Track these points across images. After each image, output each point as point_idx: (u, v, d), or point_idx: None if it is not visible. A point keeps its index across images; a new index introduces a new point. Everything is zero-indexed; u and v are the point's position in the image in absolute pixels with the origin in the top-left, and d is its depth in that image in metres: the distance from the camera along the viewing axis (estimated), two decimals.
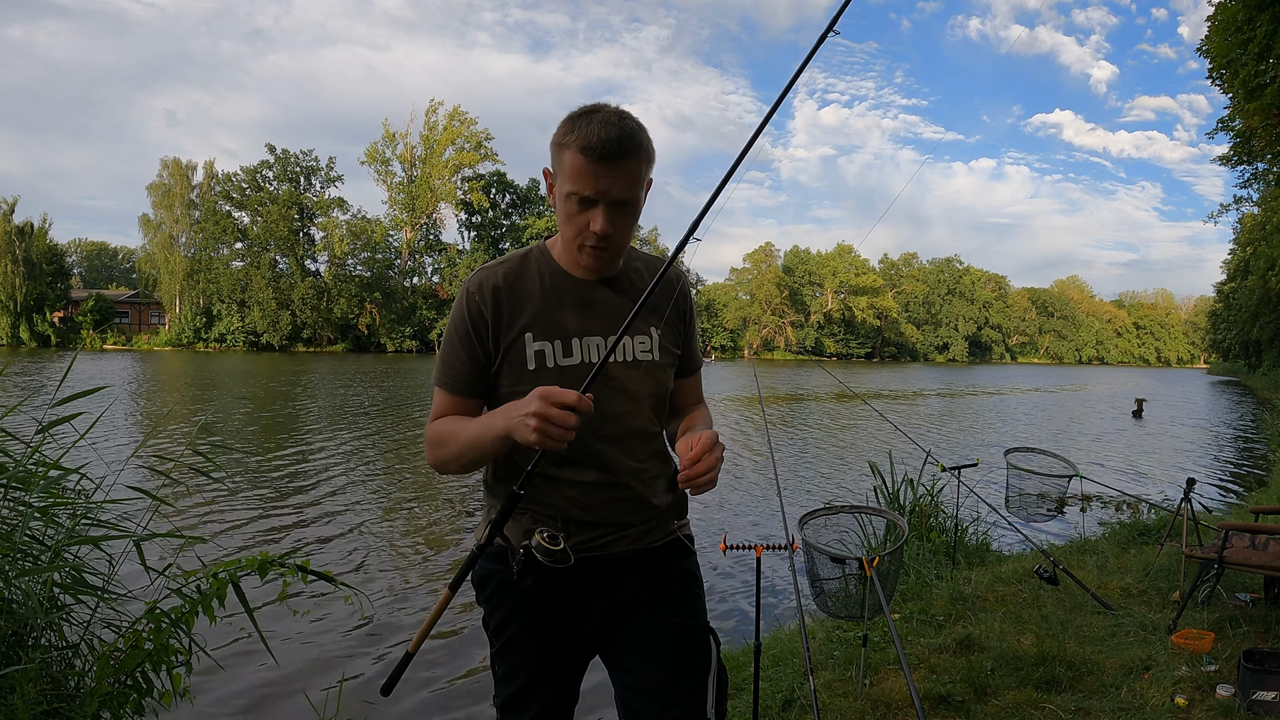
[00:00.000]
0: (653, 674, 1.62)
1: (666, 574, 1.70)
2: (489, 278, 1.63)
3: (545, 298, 1.63)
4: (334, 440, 13.91)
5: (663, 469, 1.73)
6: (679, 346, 1.76)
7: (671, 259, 1.68)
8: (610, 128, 1.50)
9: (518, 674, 1.69)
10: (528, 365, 1.60)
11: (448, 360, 1.65)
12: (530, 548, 1.48)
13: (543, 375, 1.59)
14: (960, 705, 3.31)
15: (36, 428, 2.79)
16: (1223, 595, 4.49)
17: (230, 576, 2.65)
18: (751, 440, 15.02)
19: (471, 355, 1.62)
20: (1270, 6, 9.72)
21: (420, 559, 6.89)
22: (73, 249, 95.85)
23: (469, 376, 1.64)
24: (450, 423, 1.62)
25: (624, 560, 1.66)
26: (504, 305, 1.61)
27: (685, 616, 1.68)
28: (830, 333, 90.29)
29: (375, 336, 67.82)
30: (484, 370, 1.63)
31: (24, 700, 2.15)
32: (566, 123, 1.55)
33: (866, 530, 3.90)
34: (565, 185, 1.54)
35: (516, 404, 1.46)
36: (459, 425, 1.60)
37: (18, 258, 56.44)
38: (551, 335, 1.61)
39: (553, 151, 1.58)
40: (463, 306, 1.63)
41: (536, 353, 1.60)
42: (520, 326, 1.61)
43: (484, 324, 1.61)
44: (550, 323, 1.62)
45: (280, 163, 66.59)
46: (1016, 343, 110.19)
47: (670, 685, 1.60)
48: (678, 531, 1.75)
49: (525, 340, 1.61)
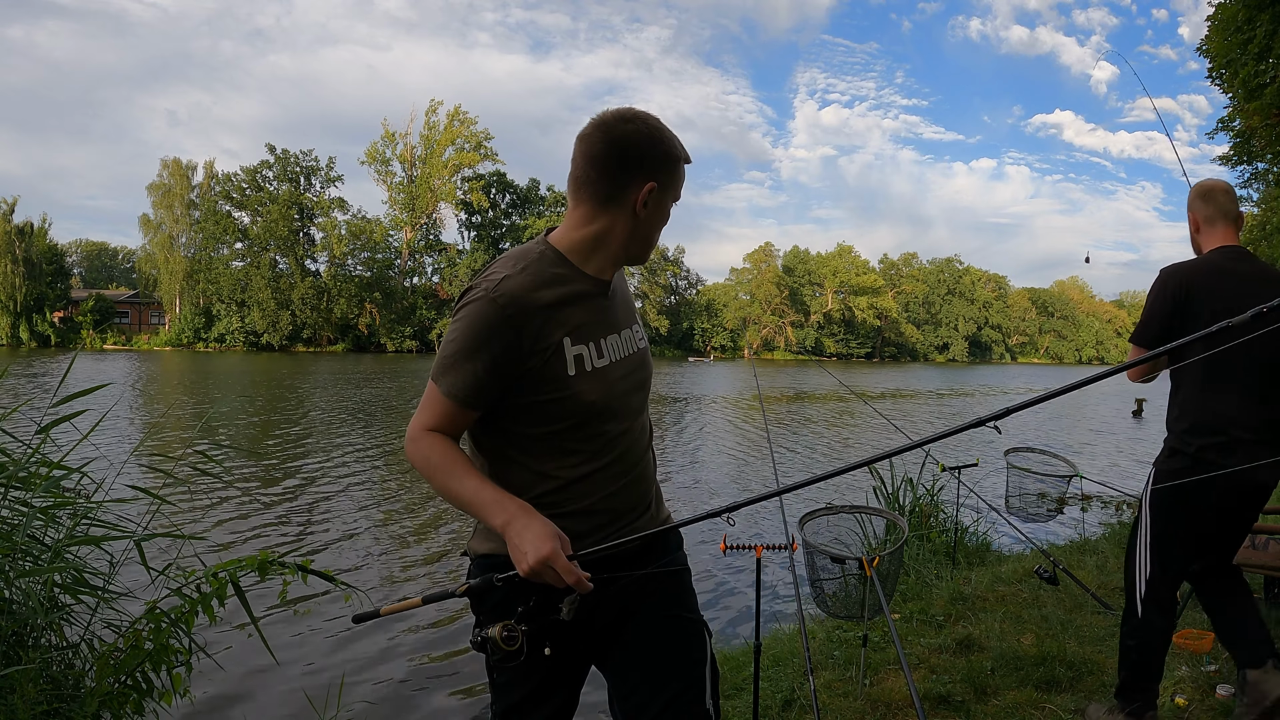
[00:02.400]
0: (653, 668, 1.64)
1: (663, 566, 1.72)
2: (516, 293, 1.53)
3: (576, 303, 1.61)
4: (334, 440, 13.91)
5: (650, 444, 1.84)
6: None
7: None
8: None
9: (516, 686, 1.68)
10: (568, 370, 1.56)
11: (461, 370, 1.53)
12: (486, 639, 1.50)
13: (583, 379, 1.58)
14: (960, 705, 3.31)
15: (37, 428, 2.79)
16: None
17: (230, 576, 2.65)
18: (751, 440, 15.02)
19: (491, 371, 1.52)
20: (1270, 6, 9.72)
21: (421, 558, 6.89)
22: (73, 249, 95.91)
23: (490, 393, 1.55)
24: (450, 457, 1.56)
25: (629, 558, 1.65)
26: (538, 319, 1.54)
27: (682, 610, 1.71)
28: (830, 333, 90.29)
29: (375, 336, 67.84)
30: (503, 385, 1.55)
31: (24, 700, 2.15)
32: (667, 139, 1.62)
33: (866, 530, 3.90)
34: (677, 192, 1.68)
35: (529, 524, 1.46)
36: (457, 467, 1.55)
37: (18, 258, 56.48)
38: (585, 339, 1.60)
39: (663, 163, 1.62)
40: (490, 320, 1.51)
41: (576, 357, 1.58)
42: (560, 335, 1.57)
43: (517, 343, 1.52)
44: (584, 327, 1.61)
45: (280, 163, 66.65)
46: (1016, 343, 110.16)
47: (670, 679, 1.63)
48: (669, 517, 1.81)
49: (564, 345, 1.57)
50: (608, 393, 1.61)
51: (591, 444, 1.62)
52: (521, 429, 1.60)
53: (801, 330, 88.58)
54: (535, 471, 1.61)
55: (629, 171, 1.58)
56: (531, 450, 1.60)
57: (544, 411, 1.58)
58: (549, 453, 1.60)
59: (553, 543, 1.44)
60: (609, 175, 1.58)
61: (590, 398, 1.58)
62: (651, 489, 1.76)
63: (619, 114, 1.60)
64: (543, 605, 1.52)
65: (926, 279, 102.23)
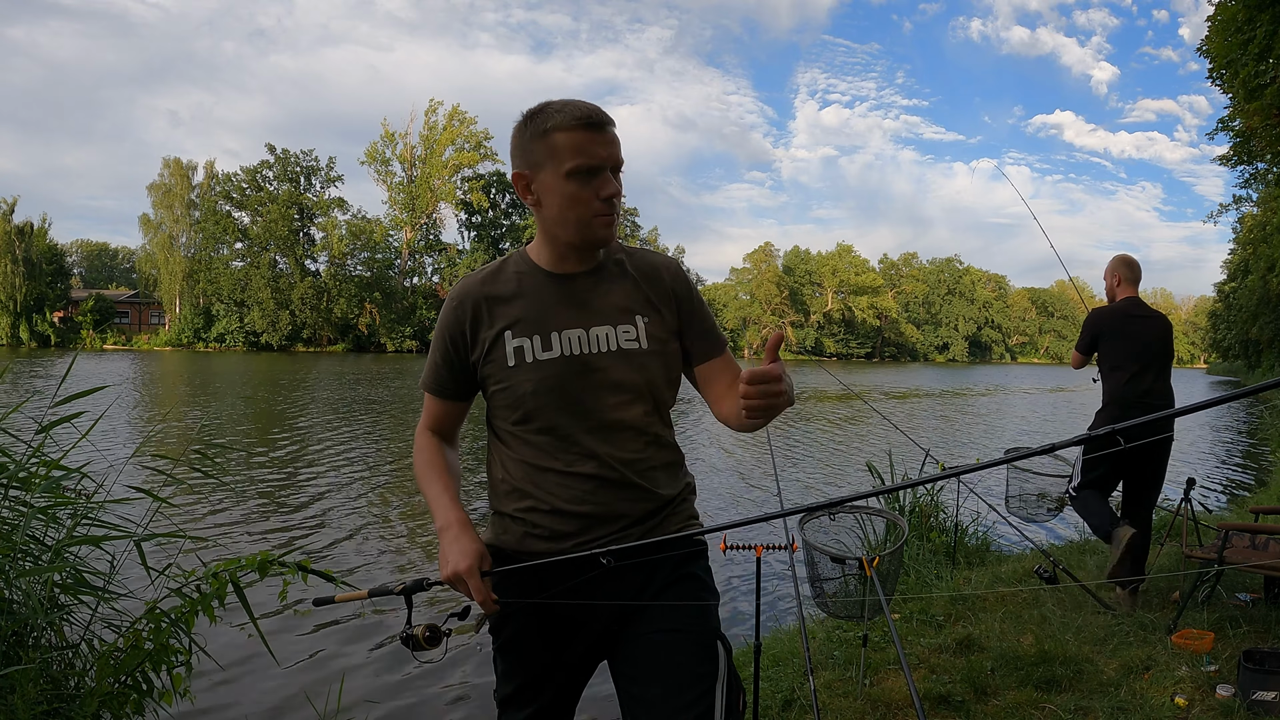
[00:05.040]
0: (654, 683, 1.56)
1: (671, 577, 1.63)
2: (466, 286, 1.69)
3: (523, 296, 1.65)
4: (334, 440, 13.91)
5: (665, 458, 1.69)
6: (675, 333, 1.71)
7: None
8: (584, 103, 1.56)
9: (514, 675, 1.71)
10: (508, 362, 1.62)
11: (431, 365, 1.73)
12: (410, 635, 1.60)
13: (521, 370, 1.61)
14: (960, 705, 3.31)
15: (37, 428, 2.79)
16: (1223, 595, 4.49)
17: (230, 576, 2.65)
18: (751, 440, 15.00)
19: (448, 362, 1.69)
20: (1270, 6, 9.72)
21: (422, 558, 6.89)
22: (73, 249, 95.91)
23: (447, 381, 1.72)
24: (429, 461, 1.73)
25: (625, 563, 1.60)
26: (482, 310, 1.65)
27: (689, 622, 1.61)
28: (830, 333, 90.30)
29: (375, 336, 67.84)
30: (462, 376, 1.70)
31: (24, 700, 2.15)
32: (535, 116, 1.58)
33: (866, 530, 3.89)
34: (566, 164, 1.53)
35: (459, 537, 1.57)
36: (431, 472, 1.71)
37: (18, 258, 56.48)
38: (530, 331, 1.62)
39: (530, 146, 1.58)
40: (443, 316, 1.70)
41: (515, 349, 1.62)
42: (500, 326, 1.63)
43: (461, 333, 1.66)
44: (529, 319, 1.63)
45: (280, 163, 66.64)
46: (1016, 343, 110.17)
47: (671, 695, 1.53)
48: (688, 526, 1.69)
49: (505, 338, 1.63)
50: (554, 388, 1.59)
51: (553, 441, 1.61)
52: (495, 421, 1.71)
53: (802, 330, 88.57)
54: (505, 465, 1.68)
55: (513, 171, 1.64)
56: (506, 442, 1.69)
57: (498, 403, 1.67)
58: (517, 446, 1.66)
59: (470, 561, 1.53)
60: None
61: (527, 389, 1.60)
62: (653, 502, 1.65)
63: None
64: (466, 611, 1.65)
65: (926, 279, 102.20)
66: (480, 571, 1.54)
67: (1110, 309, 4.64)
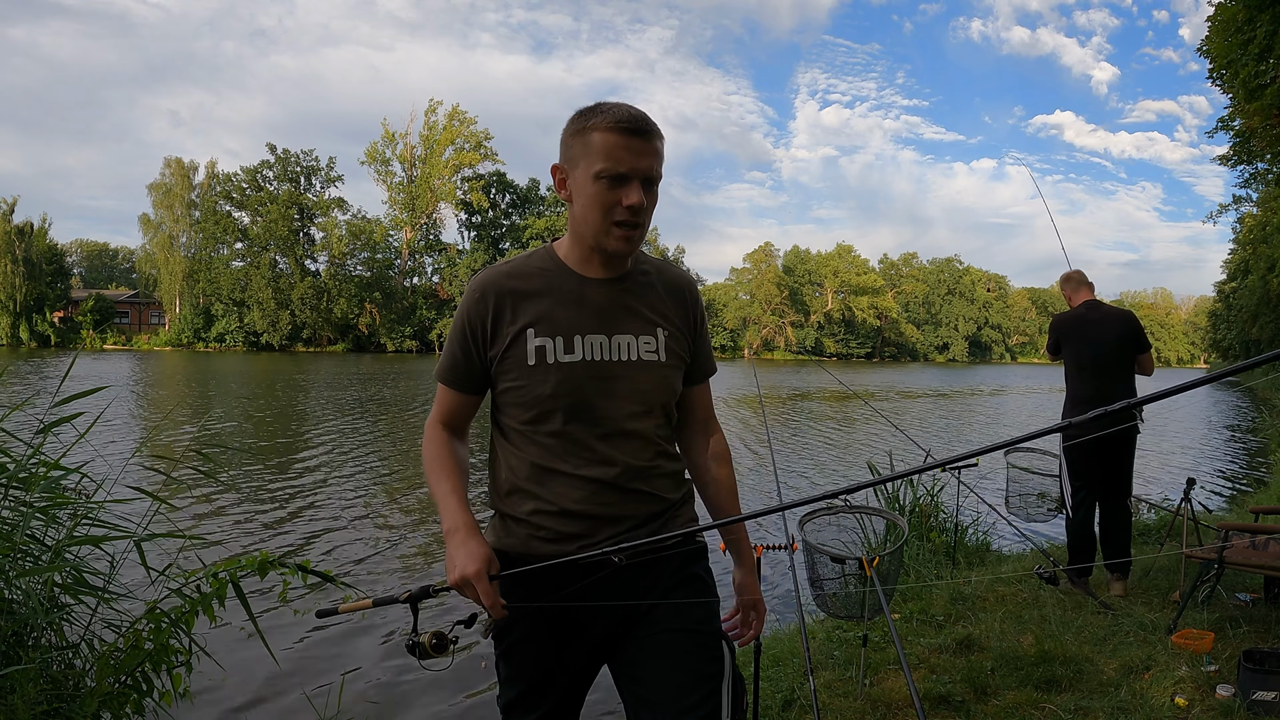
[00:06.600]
0: (661, 684, 1.57)
1: (676, 579, 1.65)
2: (489, 277, 1.65)
3: (549, 295, 1.63)
4: (334, 440, 13.91)
5: (671, 467, 1.71)
6: (687, 352, 1.73)
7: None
8: (633, 109, 1.54)
9: (518, 680, 1.69)
10: (528, 360, 1.60)
11: (447, 352, 1.70)
12: (416, 643, 1.54)
13: (541, 370, 1.59)
14: (960, 705, 3.31)
15: (37, 428, 2.79)
16: (1223, 595, 4.49)
17: (230, 576, 2.65)
18: (751, 440, 15.01)
19: (467, 354, 1.66)
20: (1270, 6, 9.72)
21: (422, 557, 6.89)
22: (73, 249, 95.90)
23: (465, 374, 1.68)
24: (438, 457, 1.67)
25: (631, 564, 1.61)
26: (505, 305, 1.62)
27: (694, 623, 1.63)
28: (830, 333, 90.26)
29: (375, 336, 67.81)
30: (480, 369, 1.67)
31: (24, 700, 2.15)
32: (583, 113, 1.57)
33: (866, 530, 3.89)
34: (595, 165, 1.52)
35: (466, 540, 1.52)
36: (440, 469, 1.65)
37: (18, 258, 56.48)
38: (553, 332, 1.60)
39: (569, 141, 1.58)
40: (464, 307, 1.66)
41: (537, 348, 1.60)
42: (522, 323, 1.61)
43: (481, 326, 1.63)
44: (553, 319, 1.61)
45: (280, 163, 66.63)
46: (1016, 343, 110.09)
47: (679, 695, 1.55)
48: (690, 528, 1.70)
49: (527, 336, 1.60)
50: (572, 390, 1.59)
51: (563, 444, 1.60)
52: (503, 419, 1.68)
53: (801, 330, 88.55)
54: (512, 464, 1.66)
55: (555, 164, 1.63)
56: (514, 441, 1.66)
57: (510, 401, 1.64)
58: (525, 445, 1.63)
59: (478, 565, 1.49)
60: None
61: (545, 390, 1.58)
62: (658, 505, 1.66)
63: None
64: (473, 619, 1.59)
65: (926, 279, 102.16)
66: (488, 576, 1.51)
67: (1070, 314, 5.07)
